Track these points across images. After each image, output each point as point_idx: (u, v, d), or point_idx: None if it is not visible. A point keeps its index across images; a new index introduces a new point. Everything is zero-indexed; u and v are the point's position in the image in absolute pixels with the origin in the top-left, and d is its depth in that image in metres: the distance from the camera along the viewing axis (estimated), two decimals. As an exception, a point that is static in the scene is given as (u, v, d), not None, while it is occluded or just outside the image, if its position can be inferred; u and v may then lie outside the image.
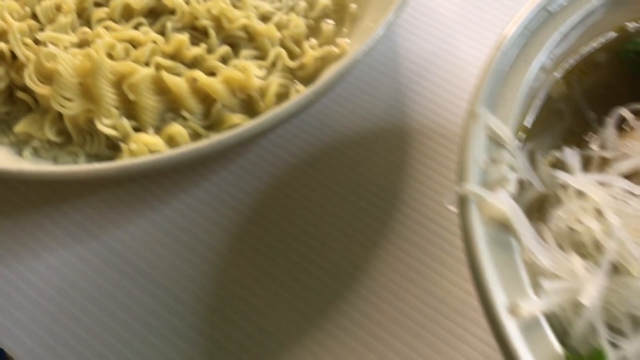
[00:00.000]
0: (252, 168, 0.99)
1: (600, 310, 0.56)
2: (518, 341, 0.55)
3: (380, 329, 0.86)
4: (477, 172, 0.62)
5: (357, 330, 0.87)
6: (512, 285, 0.58)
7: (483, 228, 0.60)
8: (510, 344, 0.55)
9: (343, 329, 0.87)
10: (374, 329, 0.87)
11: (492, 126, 0.64)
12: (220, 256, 0.93)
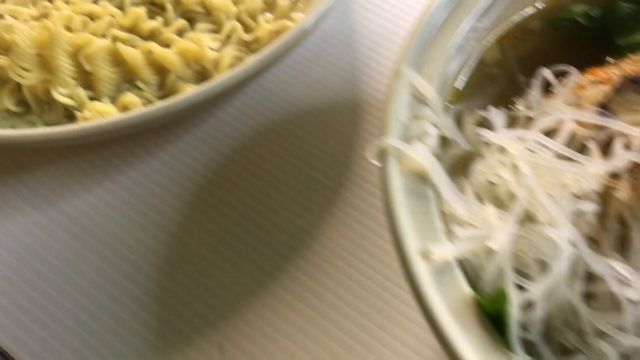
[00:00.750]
0: (207, 139, 1.01)
1: (510, 255, 0.58)
2: (427, 283, 0.57)
3: (325, 291, 0.89)
4: (398, 127, 0.65)
5: (304, 293, 0.89)
6: (427, 232, 0.61)
7: (401, 179, 0.62)
8: (420, 285, 0.57)
9: (291, 292, 0.90)
10: (320, 291, 0.89)
11: (416, 85, 0.67)
12: (175, 224, 0.95)
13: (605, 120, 0.62)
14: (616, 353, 0.56)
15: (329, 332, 0.86)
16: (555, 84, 0.69)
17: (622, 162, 0.59)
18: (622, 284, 0.56)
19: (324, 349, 0.86)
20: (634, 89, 0.64)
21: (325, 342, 0.86)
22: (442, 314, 0.56)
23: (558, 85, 0.69)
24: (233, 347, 0.86)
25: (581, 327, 0.58)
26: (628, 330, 0.56)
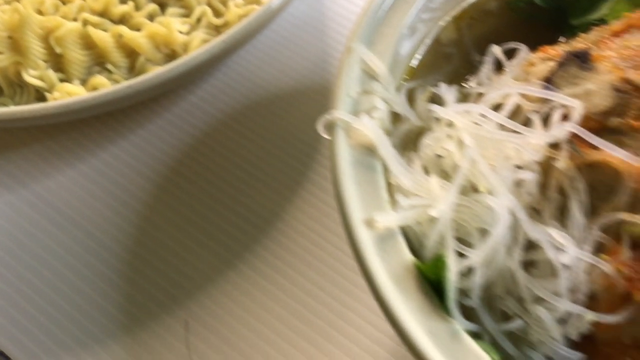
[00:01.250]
0: (179, 122, 1.03)
1: (451, 223, 0.60)
2: (370, 250, 0.59)
3: (289, 269, 0.90)
4: (348, 101, 0.66)
5: (268, 271, 0.91)
6: (372, 202, 0.62)
7: (349, 151, 0.64)
8: (362, 252, 0.58)
9: (257, 270, 0.91)
10: (284, 269, 0.90)
11: (367, 61, 0.68)
12: (144, 205, 0.97)
13: (547, 93, 0.63)
14: (552, 318, 0.58)
15: (292, 309, 0.88)
16: (505, 61, 0.71)
17: (561, 132, 0.60)
18: (558, 250, 0.57)
19: (286, 325, 0.87)
20: (577, 64, 0.65)
21: (287, 318, 0.88)
22: (383, 279, 0.58)
23: (507, 62, 0.71)
24: (197, 324, 0.88)
25: (520, 294, 0.59)
26: (563, 295, 0.57)
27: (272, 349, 0.86)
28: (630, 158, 0.58)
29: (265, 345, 0.86)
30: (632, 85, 0.61)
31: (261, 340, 0.86)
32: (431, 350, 0.55)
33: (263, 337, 0.87)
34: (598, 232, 0.58)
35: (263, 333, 0.87)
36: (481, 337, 0.59)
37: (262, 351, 0.86)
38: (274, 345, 0.86)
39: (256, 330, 0.87)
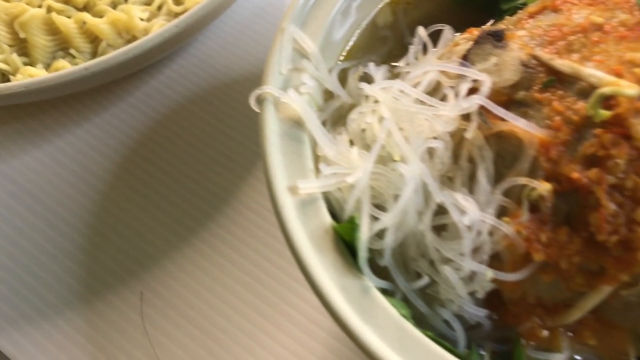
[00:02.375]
0: (141, 106, 1.07)
1: (367, 189, 0.64)
2: (291, 214, 0.63)
3: (242, 244, 0.95)
4: (278, 77, 0.70)
5: (222, 247, 0.95)
6: (297, 171, 0.66)
7: (278, 124, 0.68)
8: (284, 216, 0.63)
9: (211, 246, 0.96)
10: (237, 245, 0.95)
11: (299, 40, 0.73)
12: (105, 184, 1.01)
13: (461, 69, 0.67)
14: (458, 277, 0.62)
15: (244, 282, 0.92)
16: (429, 42, 0.75)
17: (470, 105, 0.64)
18: (462, 213, 0.61)
19: (238, 297, 0.92)
20: (491, 42, 0.69)
21: (239, 291, 0.92)
22: (301, 240, 0.62)
23: (429, 42, 0.75)
24: (152, 296, 0.92)
25: (430, 255, 0.63)
26: (467, 255, 0.61)
27: (224, 319, 0.90)
28: (532, 128, 0.62)
29: (217, 316, 0.91)
30: (539, 61, 0.65)
31: (213, 311, 0.91)
32: (342, 303, 0.59)
33: (215, 308, 0.91)
34: (500, 196, 0.62)
35: (215, 304, 0.91)
36: (393, 294, 0.64)
37: (213, 321, 0.90)
38: (226, 317, 0.90)
39: (208, 302, 0.91)
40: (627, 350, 0.66)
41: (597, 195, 0.59)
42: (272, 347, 0.88)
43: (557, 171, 0.61)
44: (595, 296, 0.62)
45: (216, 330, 0.90)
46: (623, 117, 0.59)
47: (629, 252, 0.58)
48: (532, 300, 0.65)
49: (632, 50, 0.63)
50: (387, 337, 0.58)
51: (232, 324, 0.90)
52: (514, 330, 0.66)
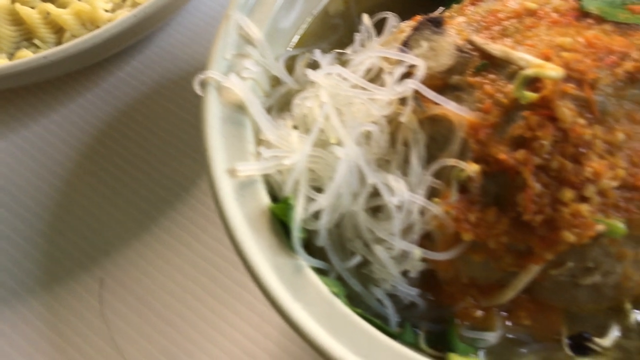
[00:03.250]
0: (106, 96, 1.09)
1: (305, 171, 0.65)
2: (228, 195, 0.64)
3: (201, 231, 0.96)
4: (222, 63, 0.72)
5: (183, 235, 0.96)
6: (237, 154, 0.68)
7: (220, 108, 0.70)
8: (221, 198, 0.64)
9: (172, 233, 0.97)
10: (195, 231, 0.96)
11: (244, 27, 0.74)
12: (69, 172, 1.03)
13: (398, 54, 0.69)
14: (389, 256, 0.63)
15: (203, 269, 0.94)
16: (371, 29, 0.76)
17: (404, 89, 0.66)
18: (393, 193, 0.63)
19: (197, 284, 0.93)
20: (430, 28, 0.70)
21: (198, 277, 0.93)
22: (237, 221, 0.63)
23: (372, 30, 0.76)
24: (112, 282, 0.94)
25: (364, 235, 0.65)
26: (396, 235, 0.62)
27: (182, 305, 0.91)
28: (462, 110, 0.63)
29: (175, 302, 0.92)
30: (474, 46, 0.67)
31: (171, 297, 0.92)
32: (273, 281, 0.60)
33: (174, 295, 0.92)
34: (430, 177, 0.64)
35: (173, 291, 0.93)
36: (328, 273, 0.65)
37: (171, 307, 0.91)
38: (184, 303, 0.91)
39: (167, 288, 0.93)
40: (560, 330, 0.67)
41: (523, 175, 0.60)
42: (229, 332, 0.89)
43: (485, 152, 0.62)
44: (525, 276, 0.63)
45: (174, 316, 0.91)
46: (549, 99, 0.60)
47: (554, 231, 0.59)
48: (466, 280, 0.66)
49: (562, 35, 0.65)
50: (317, 314, 0.59)
51: (190, 310, 0.91)
52: (449, 310, 0.67)
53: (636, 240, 0.62)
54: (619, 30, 0.65)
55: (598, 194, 0.59)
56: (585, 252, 0.61)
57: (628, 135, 0.61)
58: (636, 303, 0.68)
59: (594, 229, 0.58)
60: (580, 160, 0.59)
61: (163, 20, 1.01)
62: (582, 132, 0.59)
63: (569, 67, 0.61)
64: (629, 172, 0.60)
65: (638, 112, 0.61)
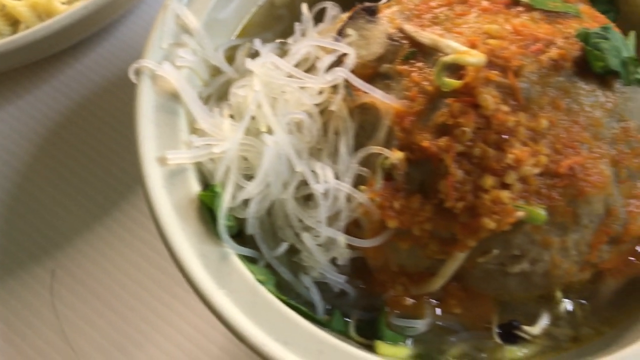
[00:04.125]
0: (64, 88, 1.09)
1: (236, 159, 0.65)
2: (157, 184, 0.64)
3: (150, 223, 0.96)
4: (158, 52, 0.72)
5: (134, 227, 0.96)
6: (169, 142, 0.67)
7: (154, 96, 0.69)
8: (149, 185, 0.64)
9: (123, 226, 0.97)
10: (148, 225, 0.96)
11: (182, 16, 0.74)
12: (24, 164, 1.03)
13: (330, 43, 0.69)
14: (315, 243, 0.63)
15: (154, 262, 0.93)
16: (309, 19, 0.76)
17: (334, 77, 0.66)
18: (320, 181, 0.63)
19: (146, 274, 0.93)
20: (364, 17, 0.70)
21: (149, 270, 0.93)
22: (164, 209, 0.63)
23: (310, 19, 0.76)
24: (64, 273, 0.94)
25: (292, 223, 0.65)
26: (322, 222, 0.62)
27: (132, 297, 0.91)
28: (388, 98, 0.64)
29: (125, 294, 0.92)
30: (404, 34, 0.67)
31: (122, 289, 0.92)
32: (198, 269, 0.60)
33: (124, 286, 0.92)
34: (357, 165, 0.64)
35: (124, 282, 0.92)
36: (258, 261, 0.65)
37: (121, 299, 0.91)
38: (134, 295, 0.91)
39: (118, 280, 0.93)
40: (491, 318, 0.67)
41: (446, 162, 0.60)
42: (178, 324, 0.89)
43: (410, 140, 0.62)
44: (452, 263, 0.63)
45: (124, 308, 0.91)
46: (472, 86, 0.60)
47: (475, 218, 0.59)
48: (395, 268, 0.66)
49: (491, 22, 0.65)
50: (240, 301, 0.60)
51: (140, 302, 0.91)
52: (380, 299, 0.67)
53: (561, 227, 0.62)
54: (547, 19, 0.65)
55: (519, 181, 0.59)
56: (509, 239, 0.61)
57: (552, 122, 0.61)
58: (567, 291, 0.68)
59: (514, 216, 0.58)
60: (502, 147, 0.59)
61: (117, 13, 1.01)
62: (505, 119, 0.60)
63: (493, 55, 0.61)
64: (552, 158, 0.60)
65: (562, 99, 0.61)
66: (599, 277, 0.68)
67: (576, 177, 0.60)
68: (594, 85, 0.63)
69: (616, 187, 0.64)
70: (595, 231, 0.64)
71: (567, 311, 0.67)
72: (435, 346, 0.66)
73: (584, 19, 0.67)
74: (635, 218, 0.65)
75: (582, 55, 0.63)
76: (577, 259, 0.64)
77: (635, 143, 0.64)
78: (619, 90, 0.64)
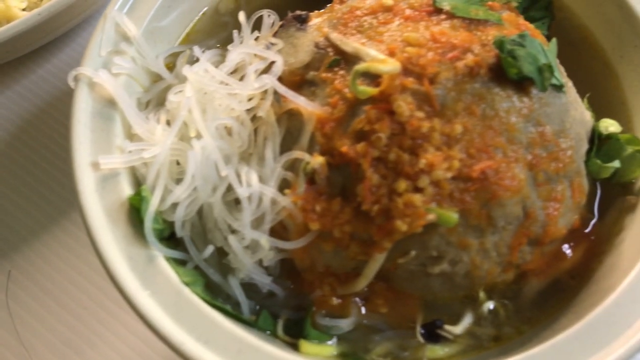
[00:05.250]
0: (25, 93, 1.11)
1: (166, 163, 0.67)
2: (89, 188, 0.66)
3: (105, 225, 0.98)
4: (97, 59, 0.74)
5: (90, 228, 0.98)
6: (103, 147, 0.69)
7: (90, 103, 0.71)
8: (81, 190, 0.66)
9: (79, 226, 0.99)
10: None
11: (121, 24, 0.76)
12: (-16, 167, 1.05)
13: (262, 51, 0.71)
14: (241, 246, 0.65)
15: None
16: (246, 27, 0.78)
17: (262, 84, 0.68)
18: (245, 186, 0.64)
19: (101, 275, 0.94)
20: (295, 25, 0.72)
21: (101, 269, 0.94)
22: (94, 212, 0.65)
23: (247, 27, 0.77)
24: (20, 274, 0.96)
25: (219, 226, 0.67)
26: (247, 225, 0.64)
27: (86, 297, 0.93)
28: (311, 105, 0.65)
29: (80, 293, 0.94)
30: (330, 43, 0.69)
31: (76, 289, 0.94)
32: (124, 270, 0.62)
33: (78, 286, 0.94)
34: (281, 170, 0.66)
35: (80, 283, 0.94)
36: (186, 263, 0.67)
37: (75, 298, 0.93)
38: (89, 294, 0.93)
39: (73, 280, 0.95)
40: (415, 318, 0.69)
41: (363, 167, 0.62)
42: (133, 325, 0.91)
43: (330, 145, 0.64)
44: (373, 264, 0.65)
45: (79, 308, 0.93)
46: (387, 94, 0.62)
47: (389, 220, 0.61)
48: (322, 268, 0.68)
49: (413, 30, 0.66)
50: (164, 302, 0.62)
51: (94, 302, 0.93)
52: (309, 299, 0.69)
53: (476, 229, 0.64)
54: (467, 26, 0.67)
55: (432, 185, 0.61)
56: (425, 241, 0.63)
57: (466, 128, 0.62)
58: (491, 292, 0.70)
59: (425, 218, 0.60)
60: (416, 152, 0.61)
61: (74, 20, 1.03)
62: (419, 125, 0.61)
63: (410, 62, 0.63)
64: (465, 163, 0.61)
65: (478, 105, 0.63)
66: (522, 278, 0.70)
67: (489, 180, 0.61)
68: (510, 91, 0.65)
69: (534, 190, 0.65)
70: (515, 233, 0.66)
71: (491, 311, 0.69)
72: (360, 345, 0.68)
73: (505, 27, 0.68)
74: (555, 220, 0.67)
75: (498, 62, 0.64)
76: (498, 260, 0.66)
77: (552, 147, 0.66)
78: (536, 95, 0.66)
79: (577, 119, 0.70)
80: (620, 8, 0.78)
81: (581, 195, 0.70)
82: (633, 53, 0.77)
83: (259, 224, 0.65)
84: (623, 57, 0.79)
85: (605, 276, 0.67)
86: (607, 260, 0.69)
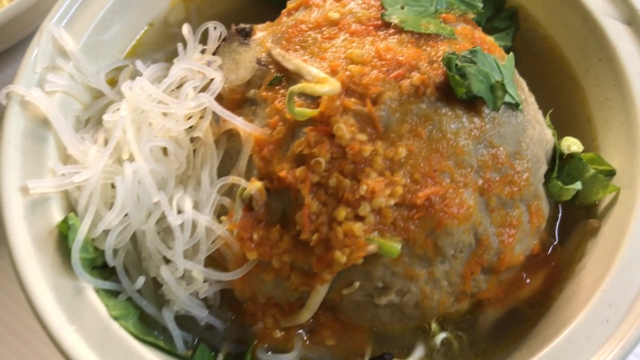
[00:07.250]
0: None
1: (99, 187, 0.63)
2: (17, 215, 0.62)
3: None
4: (32, 76, 0.70)
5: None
6: (34, 171, 0.65)
7: (23, 122, 0.67)
8: (5, 215, 0.62)
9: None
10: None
11: (60, 40, 0.72)
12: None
13: (202, 67, 0.67)
14: (173, 277, 0.61)
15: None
16: (191, 40, 0.74)
17: (198, 103, 0.64)
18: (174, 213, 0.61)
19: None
20: (238, 40, 0.68)
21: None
22: (21, 241, 0.61)
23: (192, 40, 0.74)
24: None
25: (151, 255, 0.63)
26: (179, 255, 0.60)
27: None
28: (248, 126, 0.61)
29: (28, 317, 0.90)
30: (272, 59, 0.65)
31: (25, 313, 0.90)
32: (49, 302, 0.58)
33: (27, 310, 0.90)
34: (217, 195, 0.62)
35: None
36: (118, 295, 0.63)
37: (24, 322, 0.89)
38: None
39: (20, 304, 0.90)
40: (364, 350, 0.65)
41: (302, 193, 0.58)
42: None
43: (269, 169, 0.60)
44: (315, 296, 0.61)
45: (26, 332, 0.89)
46: (327, 115, 0.58)
47: (328, 251, 0.57)
48: (264, 299, 0.64)
49: (359, 46, 0.62)
50: (90, 337, 0.58)
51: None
52: (251, 331, 0.65)
53: (424, 259, 0.60)
54: (416, 41, 0.63)
55: (373, 213, 0.57)
56: (369, 271, 0.59)
57: (411, 151, 0.58)
58: (444, 323, 0.66)
59: (365, 250, 0.56)
60: (358, 177, 0.57)
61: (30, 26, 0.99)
62: (361, 148, 0.57)
63: (352, 81, 0.59)
64: (409, 189, 0.58)
65: (423, 127, 0.59)
66: (477, 307, 0.67)
67: (434, 208, 0.58)
68: (459, 112, 0.61)
69: (486, 216, 0.62)
70: (467, 261, 0.62)
71: (443, 343, 0.65)
72: (305, 380, 0.64)
73: (458, 41, 0.64)
74: (510, 247, 0.63)
75: (446, 81, 0.61)
76: (449, 290, 0.62)
77: (506, 170, 0.62)
78: (489, 115, 0.62)
79: (535, 139, 0.66)
80: (584, 20, 0.74)
81: (540, 219, 0.66)
82: (598, 67, 0.73)
83: (195, 252, 0.62)
84: (588, 70, 0.75)
85: (563, 306, 0.64)
86: (567, 288, 0.66)
